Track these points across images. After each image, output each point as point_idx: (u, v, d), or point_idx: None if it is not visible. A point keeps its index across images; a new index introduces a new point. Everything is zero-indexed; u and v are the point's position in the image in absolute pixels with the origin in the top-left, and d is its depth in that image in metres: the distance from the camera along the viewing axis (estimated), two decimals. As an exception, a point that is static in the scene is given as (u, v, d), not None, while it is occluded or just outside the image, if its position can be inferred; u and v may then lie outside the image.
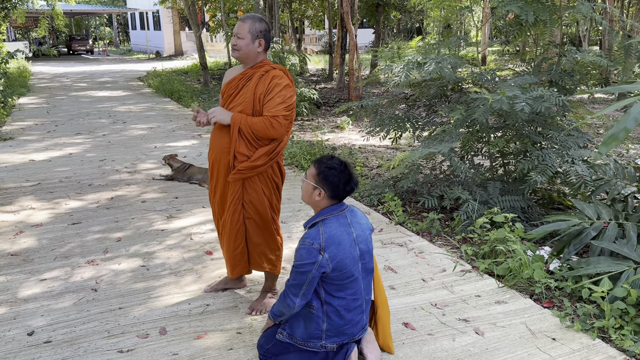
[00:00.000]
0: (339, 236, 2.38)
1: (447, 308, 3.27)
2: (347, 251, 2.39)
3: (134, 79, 19.55)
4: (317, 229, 2.40)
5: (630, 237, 3.43)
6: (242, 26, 2.97)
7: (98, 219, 4.92)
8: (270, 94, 2.94)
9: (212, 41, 31.03)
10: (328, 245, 2.35)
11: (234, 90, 3.04)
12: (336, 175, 2.42)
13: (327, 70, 19.87)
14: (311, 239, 2.36)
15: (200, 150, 7.91)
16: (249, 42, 2.98)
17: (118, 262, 3.99)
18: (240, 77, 3.05)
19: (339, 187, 2.44)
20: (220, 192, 3.13)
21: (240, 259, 3.16)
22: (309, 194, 2.50)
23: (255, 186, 3.05)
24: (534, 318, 3.16)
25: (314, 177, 2.47)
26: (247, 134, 2.92)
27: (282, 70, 3.02)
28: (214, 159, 3.13)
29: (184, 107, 12.63)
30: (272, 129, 2.88)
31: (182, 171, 6.24)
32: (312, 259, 2.33)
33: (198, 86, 16.34)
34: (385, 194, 5.18)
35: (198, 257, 4.09)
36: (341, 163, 2.47)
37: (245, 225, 3.11)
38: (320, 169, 2.44)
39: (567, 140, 4.61)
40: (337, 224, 2.42)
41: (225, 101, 3.07)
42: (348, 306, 2.48)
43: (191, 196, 5.66)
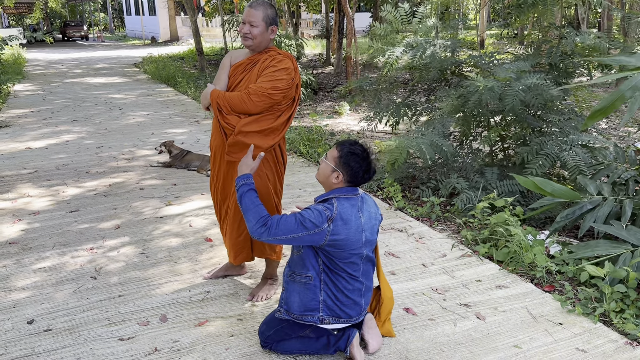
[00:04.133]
0: (348, 216, 2.37)
1: (448, 293, 3.26)
2: (351, 233, 2.37)
3: (129, 65, 19.41)
4: (330, 203, 2.40)
5: (625, 212, 3.42)
6: (255, 13, 2.90)
7: (96, 206, 4.90)
8: (263, 73, 2.90)
9: (207, 26, 30.77)
10: (337, 219, 2.34)
11: (240, 74, 3.00)
12: (358, 161, 2.40)
13: (325, 55, 19.75)
14: (326, 206, 2.37)
15: (198, 137, 7.86)
16: (264, 29, 2.92)
17: (117, 249, 3.97)
18: (247, 61, 3.00)
19: (358, 174, 2.42)
20: (223, 179, 3.10)
21: (243, 245, 3.14)
22: (326, 176, 2.48)
23: (259, 171, 3.02)
24: (535, 302, 3.15)
25: (334, 159, 2.44)
26: (225, 108, 2.87)
27: (287, 57, 2.97)
28: (215, 145, 3.09)
29: (181, 93, 12.54)
30: (246, 103, 2.82)
31: (180, 158, 6.21)
32: (318, 222, 2.31)
33: (194, 72, 16.22)
34: (385, 180, 5.16)
35: (197, 244, 4.07)
36: (364, 150, 2.44)
37: None
38: (343, 152, 2.42)
39: (566, 124, 4.59)
40: (348, 205, 2.41)
41: (231, 84, 3.02)
42: (346, 286, 2.47)
43: (189, 183, 5.63)
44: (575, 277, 3.41)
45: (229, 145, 2.93)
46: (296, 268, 2.52)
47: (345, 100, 11.26)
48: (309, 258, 2.47)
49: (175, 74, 14.40)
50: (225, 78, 3.06)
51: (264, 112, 2.91)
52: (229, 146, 2.93)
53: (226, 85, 3.04)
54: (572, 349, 2.72)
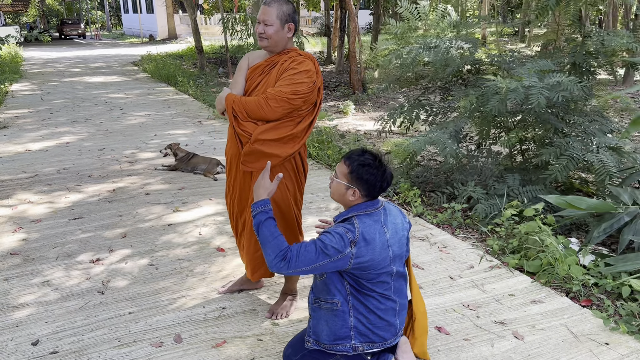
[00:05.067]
0: (372, 235, 2.15)
1: (481, 309, 3.06)
2: (377, 252, 2.15)
3: (128, 64, 19.15)
4: (351, 223, 2.18)
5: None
6: (269, 11, 2.68)
7: (100, 213, 4.68)
8: (282, 76, 2.69)
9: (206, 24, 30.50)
10: (359, 241, 2.13)
11: (258, 77, 2.79)
12: (371, 172, 2.18)
13: (325, 53, 19.53)
14: (347, 228, 2.14)
15: (202, 138, 7.65)
16: (279, 28, 2.70)
17: (124, 260, 3.76)
18: (265, 63, 2.78)
19: (375, 185, 2.20)
20: (239, 190, 2.89)
21: (261, 261, 2.93)
22: (341, 194, 2.26)
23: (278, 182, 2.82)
24: (574, 319, 2.96)
25: (346, 175, 2.22)
26: (241, 114, 2.66)
27: (308, 58, 2.76)
28: (231, 154, 2.88)
29: (182, 92, 12.31)
30: (264, 109, 2.61)
31: (185, 161, 5.99)
32: (341, 247, 2.10)
33: (194, 70, 15.99)
34: (401, 184, 4.95)
35: (209, 254, 3.86)
36: (375, 158, 2.22)
37: None
38: (353, 166, 2.20)
39: (590, 126, 4.39)
40: (371, 222, 2.19)
41: (249, 87, 2.81)
42: (378, 306, 2.26)
43: (196, 187, 5.42)
44: (614, 291, 3.21)
45: (245, 155, 2.71)
46: (321, 294, 2.31)
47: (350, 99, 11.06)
48: (333, 283, 2.26)
49: (175, 72, 14.17)
50: (242, 81, 2.84)
51: (283, 118, 2.69)
52: (245, 155, 2.72)
53: (243, 89, 2.83)
54: (621, 372, 2.53)
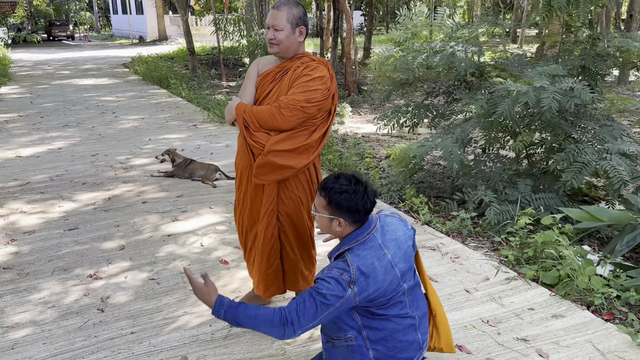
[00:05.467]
0: (370, 266, 2.00)
1: (501, 325, 2.93)
2: (380, 280, 2.00)
3: (118, 66, 18.90)
4: (344, 260, 2.01)
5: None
6: (279, 15, 2.53)
7: (96, 223, 4.51)
8: (295, 83, 2.55)
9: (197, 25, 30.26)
10: (358, 278, 1.96)
11: (269, 85, 2.64)
12: (350, 198, 2.02)
13: (318, 54, 19.39)
14: (340, 270, 1.97)
15: (198, 143, 7.48)
16: (290, 33, 2.55)
17: (124, 275, 3.59)
18: (277, 70, 2.63)
19: (358, 210, 2.03)
20: (250, 203, 2.74)
21: (274, 278, 2.78)
22: (328, 227, 2.11)
23: (291, 194, 2.67)
24: (598, 335, 2.84)
25: (325, 207, 2.06)
26: (252, 124, 2.51)
27: (322, 63, 2.61)
28: (242, 166, 2.73)
29: (175, 95, 12.12)
30: (277, 118, 2.46)
31: (183, 167, 5.82)
32: (340, 292, 1.93)
33: (186, 72, 15.78)
34: (406, 190, 4.82)
35: (212, 267, 3.70)
36: (350, 181, 2.05)
37: (281, 240, 2.73)
38: (330, 196, 2.03)
39: (601, 131, 4.28)
40: (365, 252, 2.02)
41: (259, 95, 2.66)
42: (396, 328, 2.11)
43: (195, 195, 5.26)
44: (637, 304, 3.09)
45: (258, 167, 2.56)
46: (332, 333, 2.15)
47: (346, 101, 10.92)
48: (342, 320, 2.09)
49: (167, 74, 13.96)
50: (252, 89, 2.69)
51: (296, 128, 2.55)
52: (258, 167, 2.56)
53: (253, 98, 2.68)
54: (654, 393, 2.41)
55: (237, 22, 12.47)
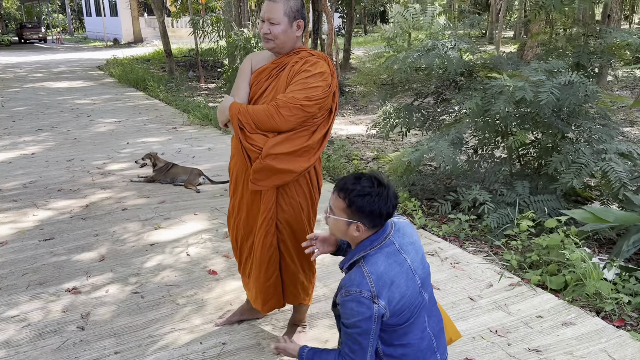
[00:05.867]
0: (390, 272, 1.81)
1: (511, 335, 2.78)
2: (403, 288, 1.82)
3: (93, 68, 18.44)
4: (359, 271, 1.82)
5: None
6: (274, 8, 2.33)
7: (74, 232, 4.25)
8: (293, 80, 2.35)
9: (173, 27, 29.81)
10: (380, 290, 1.77)
11: (265, 82, 2.44)
12: (374, 202, 1.82)
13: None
14: (357, 286, 1.77)
15: (179, 146, 7.23)
16: (287, 27, 2.35)
17: (105, 288, 3.35)
18: (273, 66, 2.43)
19: (380, 214, 1.84)
20: (247, 210, 2.53)
21: (273, 291, 2.58)
22: (343, 231, 1.91)
23: (291, 200, 2.47)
24: (612, 343, 2.70)
25: (344, 210, 1.87)
26: (248, 125, 2.30)
27: (322, 57, 2.42)
28: (237, 171, 2.53)
29: (152, 97, 11.81)
30: (275, 119, 2.26)
31: (164, 171, 5.58)
32: (367, 313, 1.75)
33: (163, 74, 15.45)
34: (400, 194, 4.66)
35: (200, 278, 3.48)
36: (373, 183, 1.86)
37: (280, 250, 2.54)
38: (351, 199, 1.84)
39: (598, 130, 4.18)
40: (383, 258, 1.83)
41: (254, 94, 2.46)
42: (415, 354, 1.93)
43: (178, 201, 5.02)
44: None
45: (255, 172, 2.36)
46: None
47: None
48: None
49: (144, 77, 13.62)
50: (245, 87, 2.49)
51: (296, 128, 2.35)
52: (255, 172, 2.36)
53: (247, 96, 2.48)
54: (678, 406, 2.27)
55: (215, 23, 12.21)
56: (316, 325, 2.92)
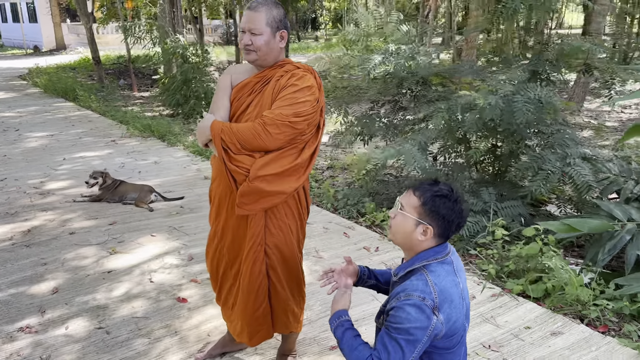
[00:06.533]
0: (450, 289, 1.69)
1: (504, 349, 2.74)
2: (457, 310, 1.70)
3: (14, 78, 17.27)
4: (422, 279, 1.68)
5: (674, 243, 3.12)
6: (256, 18, 2.17)
7: (18, 262, 3.86)
8: (279, 95, 2.19)
9: (99, 33, 28.58)
10: (442, 303, 1.65)
11: (247, 97, 2.26)
12: (449, 206, 1.71)
13: (234, 62, 18.89)
14: (421, 292, 1.64)
15: (121, 161, 6.83)
16: (269, 37, 2.19)
17: (64, 325, 3.04)
18: (256, 80, 2.26)
19: (452, 222, 1.73)
20: (232, 235, 2.33)
21: (262, 322, 2.40)
22: (408, 233, 1.75)
23: (280, 224, 2.30)
24: (603, 351, 2.72)
25: (416, 209, 1.73)
26: (233, 146, 2.13)
27: (308, 70, 2.27)
28: (220, 194, 2.33)
29: (84, 107, 11.18)
30: (262, 137, 2.10)
31: (112, 189, 5.22)
32: (425, 322, 1.61)
33: (93, 83, 14.72)
34: (366, 204, 4.58)
35: (169, 307, 3.24)
36: (451, 189, 1.75)
37: (269, 277, 2.36)
38: (426, 197, 1.72)
39: (560, 136, 4.28)
40: (444, 273, 1.72)
41: (235, 110, 2.28)
42: None
43: (131, 221, 4.70)
44: (622, 312, 3.03)
45: (242, 195, 2.16)
46: None
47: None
48: None
49: (73, 86, 12.89)
50: (226, 104, 2.30)
51: (284, 147, 2.20)
52: (242, 196, 2.17)
53: (228, 113, 2.30)
54: (678, 412, 2.30)
55: (150, 29, 11.73)
56: (305, 352, 2.76)
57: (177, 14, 14.84)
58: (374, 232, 4.36)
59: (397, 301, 1.65)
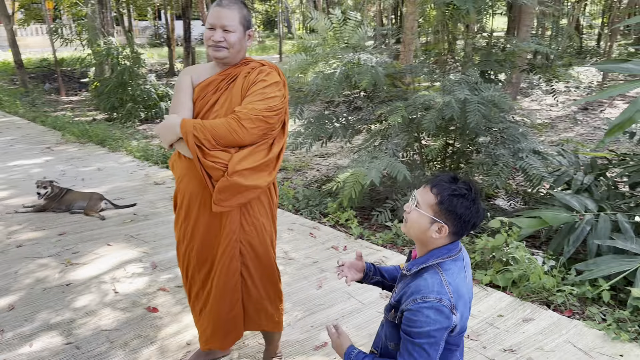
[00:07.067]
0: (461, 287, 1.71)
1: (482, 337, 2.84)
2: (466, 306, 1.73)
3: None
4: (437, 279, 1.67)
5: (626, 230, 3.34)
6: (230, 15, 2.15)
7: (-36, 279, 3.59)
8: (249, 91, 2.20)
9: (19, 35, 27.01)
10: (457, 302, 1.66)
11: (212, 95, 2.23)
12: (467, 205, 1.68)
13: (168, 64, 18.43)
14: (437, 293, 1.63)
15: (61, 168, 6.50)
16: (242, 35, 2.20)
17: (28, 343, 2.86)
18: (220, 78, 2.24)
19: (468, 222, 1.71)
20: (203, 235, 2.28)
21: (235, 322, 2.36)
22: (423, 230, 1.73)
23: (254, 220, 2.29)
24: (572, 334, 2.87)
25: (432, 207, 1.70)
26: (208, 142, 2.10)
27: (274, 68, 2.29)
28: (190, 193, 2.26)
29: (10, 113, 10.56)
30: (237, 132, 2.10)
31: (58, 199, 4.95)
32: (445, 323, 1.61)
33: (16, 88, 13.92)
34: (329, 204, 4.60)
35: (140, 317, 3.11)
36: (469, 188, 1.71)
37: (242, 275, 2.33)
38: (443, 196, 1.68)
39: (512, 133, 4.49)
40: (457, 270, 1.72)
41: (200, 109, 2.24)
42: None
43: (82, 231, 4.48)
44: (585, 296, 3.22)
45: (220, 192, 2.13)
46: None
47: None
48: None
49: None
50: (189, 103, 2.26)
51: (257, 142, 2.19)
52: (220, 192, 2.13)
53: (192, 112, 2.26)
54: (648, 386, 2.47)
55: (80, 31, 11.22)
56: (290, 354, 2.74)
57: (107, 15, 14.28)
58: (339, 231, 4.38)
59: (413, 303, 1.64)
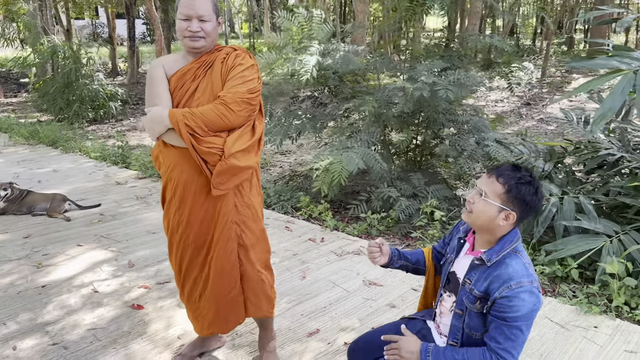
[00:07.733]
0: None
1: (467, 317, 2.98)
2: None
3: None
4: (519, 262, 1.75)
5: (589, 210, 3.57)
6: (204, 5, 2.20)
7: None
8: (229, 75, 2.25)
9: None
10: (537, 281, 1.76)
11: (190, 84, 2.26)
12: (532, 192, 1.76)
13: (111, 64, 17.91)
14: (527, 276, 1.71)
15: (14, 171, 6.25)
16: (215, 24, 2.27)
17: (11, 345, 2.77)
18: (197, 65, 2.27)
19: (533, 208, 1.79)
20: (200, 221, 2.30)
21: (235, 303, 2.39)
22: (491, 219, 1.77)
23: (246, 201, 2.34)
24: (548, 309, 3.06)
25: (500, 196, 1.76)
26: (200, 129, 2.13)
27: (246, 52, 2.35)
28: (184, 181, 2.27)
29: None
30: (227, 116, 2.16)
31: (18, 201, 4.77)
32: (538, 303, 1.69)
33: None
34: (301, 198, 4.65)
35: (126, 315, 3.07)
36: (532, 175, 1.81)
37: (239, 258, 2.37)
38: (510, 184, 1.75)
39: (475, 123, 4.69)
40: (525, 251, 1.83)
41: (180, 98, 2.26)
42: None
43: (48, 233, 4.34)
44: (555, 274, 3.43)
45: (218, 175, 2.17)
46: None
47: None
48: None
49: None
50: (166, 94, 2.27)
51: (244, 124, 2.26)
52: (218, 176, 2.17)
53: (171, 102, 2.27)
54: (621, 352, 2.67)
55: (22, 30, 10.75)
56: (284, 342, 2.78)
57: (46, 13, 13.73)
58: (313, 224, 4.45)
59: (508, 290, 1.69)
